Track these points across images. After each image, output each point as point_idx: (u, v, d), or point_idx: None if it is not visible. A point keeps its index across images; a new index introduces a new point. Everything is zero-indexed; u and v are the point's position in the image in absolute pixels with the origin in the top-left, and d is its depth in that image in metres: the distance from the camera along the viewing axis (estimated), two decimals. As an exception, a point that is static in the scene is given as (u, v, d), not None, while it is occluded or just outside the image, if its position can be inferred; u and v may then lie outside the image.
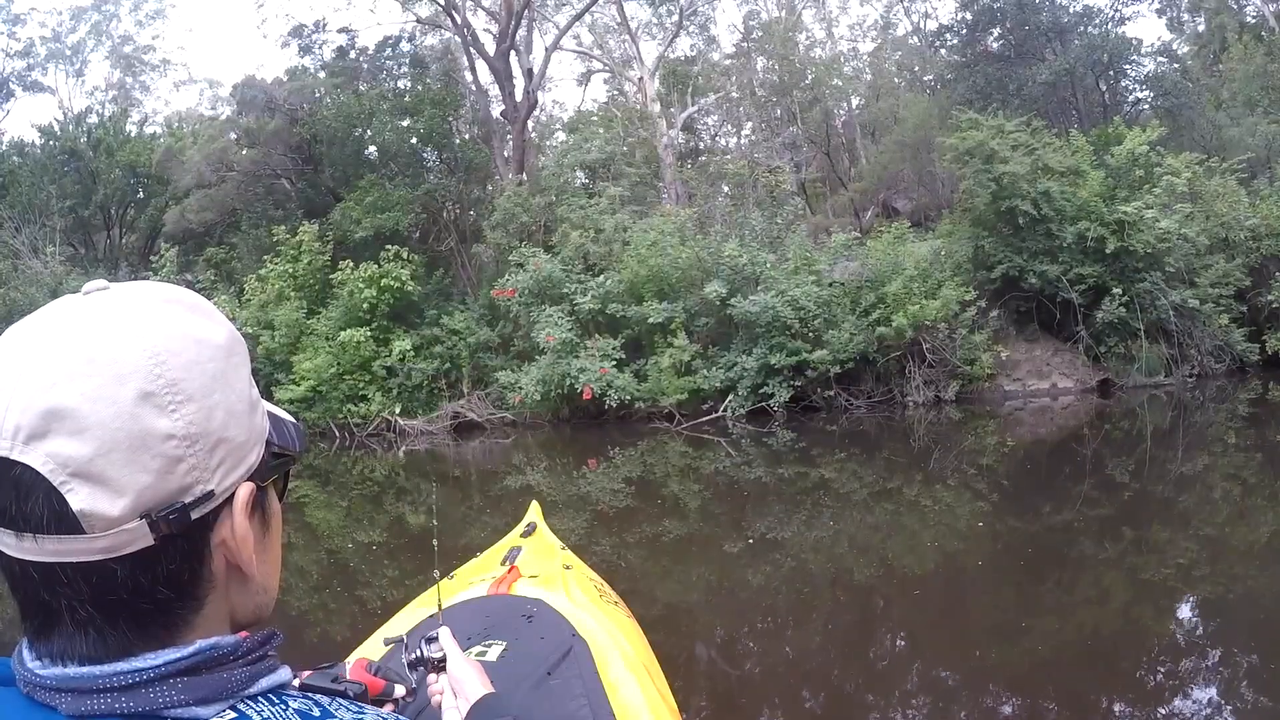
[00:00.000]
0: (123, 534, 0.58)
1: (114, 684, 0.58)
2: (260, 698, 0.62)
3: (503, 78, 20.11)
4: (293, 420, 0.76)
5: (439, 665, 1.45)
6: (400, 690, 1.46)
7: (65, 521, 0.56)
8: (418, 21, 21.64)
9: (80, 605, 0.59)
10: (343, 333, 15.55)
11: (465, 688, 1.39)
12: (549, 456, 13.00)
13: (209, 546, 0.63)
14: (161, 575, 0.60)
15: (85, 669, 0.59)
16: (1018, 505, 8.13)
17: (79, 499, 0.56)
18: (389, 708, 1.44)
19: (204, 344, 0.63)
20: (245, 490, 0.64)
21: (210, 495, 0.61)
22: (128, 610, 0.60)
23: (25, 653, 0.61)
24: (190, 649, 0.60)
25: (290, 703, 0.63)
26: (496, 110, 21.21)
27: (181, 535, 0.60)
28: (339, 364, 15.51)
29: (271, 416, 0.72)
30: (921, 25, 28.38)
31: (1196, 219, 14.50)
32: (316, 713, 0.63)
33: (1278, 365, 14.45)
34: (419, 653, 1.47)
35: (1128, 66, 21.31)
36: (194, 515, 0.60)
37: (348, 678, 1.39)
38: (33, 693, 0.59)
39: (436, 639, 1.48)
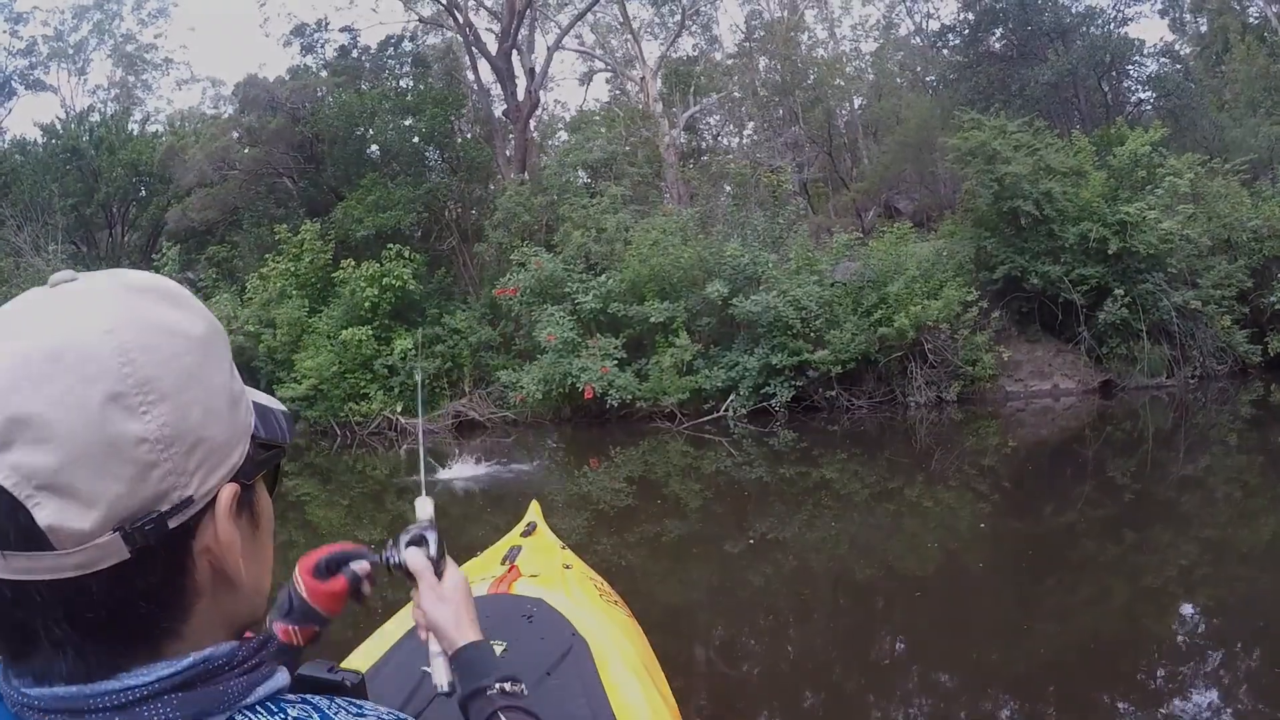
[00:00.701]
0: (95, 549, 0.54)
1: (105, 703, 0.55)
2: (259, 707, 0.59)
3: (505, 77, 20.11)
4: (281, 407, 0.72)
5: (410, 573, 1.25)
6: (363, 565, 1.28)
7: (33, 538, 0.53)
8: (420, 21, 21.66)
9: (56, 624, 0.55)
10: (344, 331, 15.56)
11: (443, 629, 1.22)
12: (550, 456, 13.00)
13: (191, 555, 0.59)
14: (141, 589, 0.56)
15: (74, 688, 0.55)
16: (1019, 506, 8.12)
17: (46, 513, 0.52)
18: (367, 581, 1.29)
19: (178, 336, 0.58)
20: (229, 492, 0.60)
21: (189, 501, 0.57)
22: (108, 628, 0.56)
23: (9, 673, 0.58)
24: (184, 663, 0.57)
25: (289, 710, 0.60)
26: (498, 109, 21.23)
27: (160, 546, 0.56)
28: (340, 362, 15.52)
29: (257, 406, 0.67)
30: (924, 25, 28.34)
31: (1199, 220, 14.48)
32: (315, 718, 0.60)
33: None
34: (393, 556, 1.28)
35: (1130, 67, 21.28)
36: (172, 524, 0.56)
37: (300, 589, 1.26)
38: (21, 713, 0.56)
39: (421, 538, 1.27)
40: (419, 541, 1.29)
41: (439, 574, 1.27)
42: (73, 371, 0.53)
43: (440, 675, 1.23)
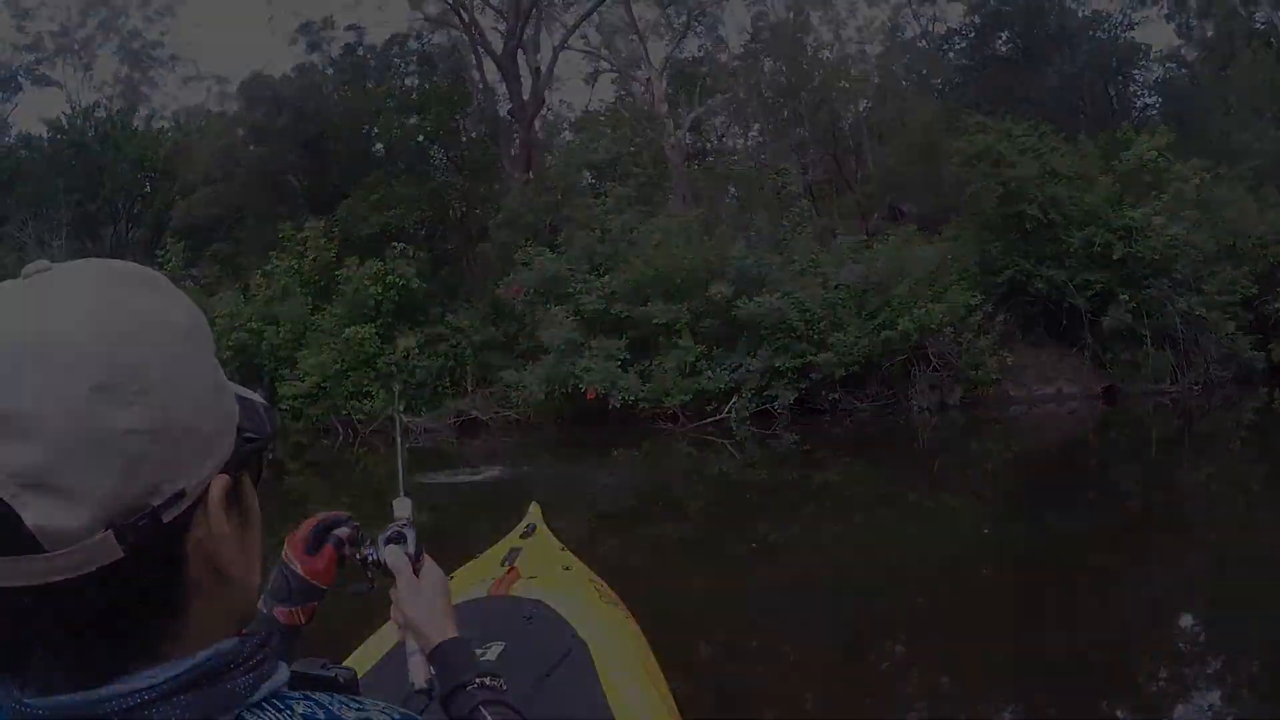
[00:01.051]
0: (87, 549, 0.51)
1: (113, 708, 0.53)
2: (265, 704, 0.58)
3: (510, 76, 20.12)
4: (261, 400, 0.69)
5: (387, 569, 1.25)
6: (343, 530, 1.29)
7: (20, 540, 0.50)
8: (426, 20, 21.65)
9: (51, 631, 0.52)
10: (347, 329, 15.57)
11: (420, 626, 1.20)
12: (552, 456, 12.99)
13: (186, 551, 0.56)
14: (136, 589, 0.54)
15: (79, 695, 0.53)
16: (1022, 512, 8.10)
17: (34, 514, 0.49)
18: (348, 544, 1.29)
19: (162, 325, 0.56)
20: (220, 484, 0.58)
21: (181, 494, 0.55)
22: (105, 631, 0.54)
23: (7, 685, 0.55)
24: (189, 663, 0.56)
25: (295, 706, 0.59)
26: (504, 109, 21.25)
27: (154, 543, 0.54)
28: (343, 360, 15.53)
29: (238, 399, 0.65)
30: (930, 29, 28.29)
31: (1204, 226, 14.45)
32: (321, 715, 0.59)
33: (1284, 373, 14.40)
34: (371, 554, 1.27)
35: (1136, 72, 21.36)
36: (165, 519, 0.54)
37: (295, 567, 1.25)
38: None
39: (400, 536, 1.27)
40: (397, 539, 1.29)
41: (417, 572, 1.27)
42: (56, 362, 0.51)
43: (418, 673, 1.22)
